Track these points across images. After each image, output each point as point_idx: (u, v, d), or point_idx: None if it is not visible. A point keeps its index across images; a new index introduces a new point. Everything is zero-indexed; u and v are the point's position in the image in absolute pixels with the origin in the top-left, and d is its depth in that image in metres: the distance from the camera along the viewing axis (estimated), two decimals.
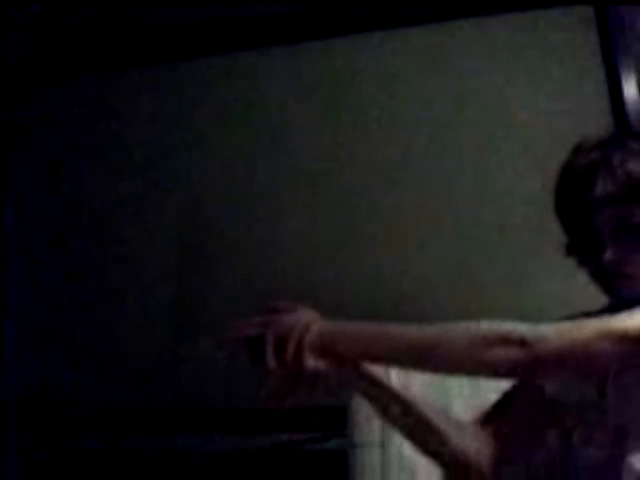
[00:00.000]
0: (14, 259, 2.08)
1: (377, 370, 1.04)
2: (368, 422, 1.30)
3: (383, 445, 1.27)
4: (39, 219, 2.13)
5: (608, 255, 1.05)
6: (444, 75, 1.94)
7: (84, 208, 2.11)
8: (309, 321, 0.97)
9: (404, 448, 1.25)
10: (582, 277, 1.10)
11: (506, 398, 1.16)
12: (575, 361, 0.92)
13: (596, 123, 1.80)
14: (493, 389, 1.23)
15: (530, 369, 0.92)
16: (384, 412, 1.09)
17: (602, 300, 1.10)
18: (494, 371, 0.93)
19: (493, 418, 1.13)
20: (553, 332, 0.92)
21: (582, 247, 1.09)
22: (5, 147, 2.13)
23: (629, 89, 1.80)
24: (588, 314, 1.11)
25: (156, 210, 2.06)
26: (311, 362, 0.92)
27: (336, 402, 1.39)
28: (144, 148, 2.11)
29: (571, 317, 1.10)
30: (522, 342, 0.90)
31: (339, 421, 1.38)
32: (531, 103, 1.88)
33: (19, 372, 1.98)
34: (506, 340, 0.91)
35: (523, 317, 1.03)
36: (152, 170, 2.09)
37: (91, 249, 2.08)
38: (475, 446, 1.08)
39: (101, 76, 2.17)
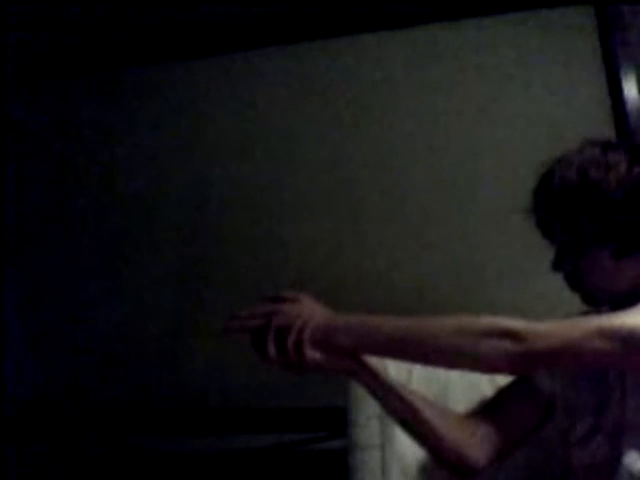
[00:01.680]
0: (14, 259, 2.08)
1: (376, 364, 1.05)
2: (368, 423, 1.29)
3: (383, 446, 1.27)
4: (39, 219, 2.13)
5: (565, 269, 1.07)
6: (444, 75, 1.94)
7: (84, 208, 2.11)
8: (311, 312, 0.98)
9: (403, 449, 1.25)
10: None
11: (502, 394, 1.16)
12: (567, 357, 0.93)
13: (596, 123, 1.81)
14: (490, 385, 1.23)
15: (523, 363, 0.92)
16: (383, 405, 1.10)
17: None
18: (487, 363, 0.94)
19: (489, 414, 1.13)
20: (547, 328, 0.93)
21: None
22: (5, 146, 2.13)
23: (629, 89, 1.80)
24: (586, 313, 1.12)
25: (156, 212, 2.06)
26: (310, 353, 0.94)
27: (336, 403, 1.39)
28: (145, 148, 2.11)
29: (569, 316, 1.11)
30: (516, 336, 0.91)
31: (339, 422, 1.38)
32: (532, 103, 1.88)
33: (19, 372, 1.98)
34: (500, 333, 0.92)
35: (525, 315, 1.03)
36: (153, 170, 2.09)
37: (91, 249, 2.08)
38: (471, 442, 1.09)
39: (101, 76, 2.17)
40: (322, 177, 1.97)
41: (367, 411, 1.30)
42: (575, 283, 1.09)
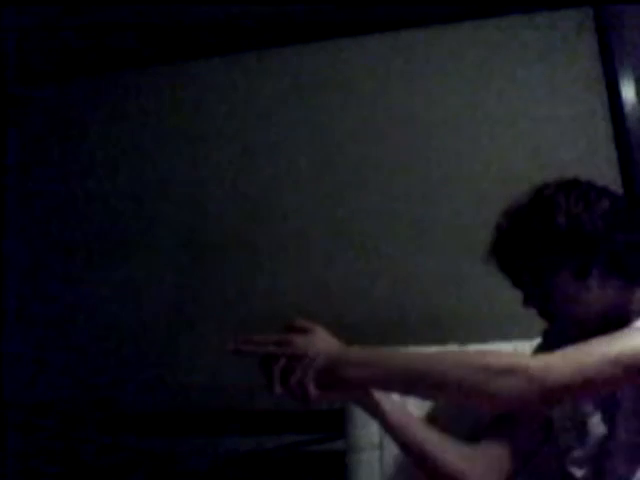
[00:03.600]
0: (14, 259, 2.08)
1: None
2: (366, 424, 1.30)
3: (381, 447, 1.27)
4: (39, 218, 2.14)
5: (535, 305, 1.09)
6: (444, 76, 1.94)
7: (84, 208, 2.11)
8: (321, 346, 0.99)
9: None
10: None
11: (500, 418, 1.15)
12: (577, 389, 0.92)
13: (594, 125, 1.82)
14: None
15: (535, 401, 0.92)
16: (387, 432, 1.11)
17: None
18: (499, 401, 0.93)
19: (489, 440, 1.13)
20: (555, 362, 0.92)
21: None
22: (5, 146, 2.13)
23: (627, 91, 1.80)
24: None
25: (156, 211, 2.06)
26: (313, 391, 0.94)
27: (335, 404, 1.39)
28: (145, 147, 2.11)
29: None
30: (527, 373, 0.90)
31: (337, 423, 1.39)
32: (530, 104, 1.88)
33: (19, 373, 1.98)
34: (511, 370, 0.91)
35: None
36: (154, 169, 2.09)
37: (91, 250, 2.08)
38: (471, 471, 1.09)
39: (100, 76, 2.17)
40: (322, 177, 1.97)
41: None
42: (549, 316, 1.09)
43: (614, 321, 1.00)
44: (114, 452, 1.90)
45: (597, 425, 1.04)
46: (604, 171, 1.73)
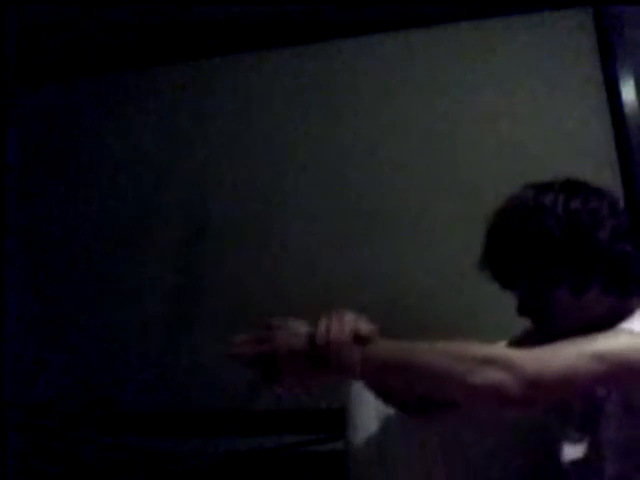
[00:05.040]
0: (15, 259, 2.08)
1: None
2: (366, 424, 1.30)
3: (381, 448, 1.28)
4: (39, 218, 2.14)
5: (530, 314, 1.08)
6: (444, 76, 1.94)
7: (84, 208, 2.12)
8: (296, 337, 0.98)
9: (401, 450, 1.26)
10: None
11: None
12: (563, 386, 0.91)
13: (594, 125, 1.82)
14: None
15: (517, 395, 0.89)
16: None
17: None
18: (478, 392, 0.91)
19: None
20: (542, 356, 0.92)
21: None
22: (5, 147, 2.13)
23: (627, 92, 1.81)
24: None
25: (155, 214, 2.06)
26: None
27: (336, 405, 1.39)
28: (145, 149, 2.11)
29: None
30: (509, 364, 0.89)
31: (337, 423, 1.39)
32: (530, 104, 1.88)
33: (19, 373, 1.98)
34: (491, 360, 0.90)
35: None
36: (154, 170, 2.09)
37: (92, 252, 2.08)
38: None
39: (100, 76, 2.17)
40: (323, 177, 1.98)
41: (366, 413, 1.30)
42: (543, 324, 1.08)
43: (607, 328, 1.00)
44: (114, 452, 1.91)
45: (586, 426, 1.04)
46: (604, 171, 1.74)
